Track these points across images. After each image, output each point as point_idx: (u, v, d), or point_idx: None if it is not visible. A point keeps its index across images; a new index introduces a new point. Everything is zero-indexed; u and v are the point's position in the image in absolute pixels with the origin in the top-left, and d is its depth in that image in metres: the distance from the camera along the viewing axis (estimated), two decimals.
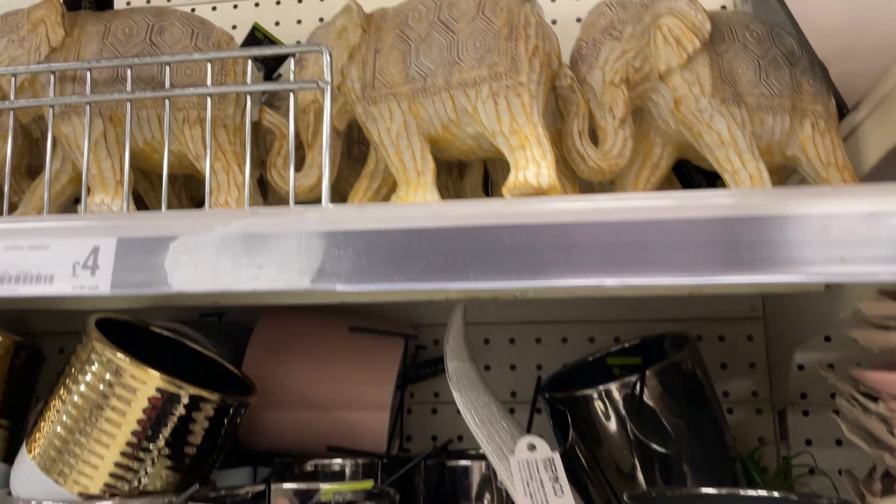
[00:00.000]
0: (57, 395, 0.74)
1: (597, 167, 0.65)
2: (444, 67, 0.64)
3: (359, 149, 0.83)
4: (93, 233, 0.63)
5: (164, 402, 0.72)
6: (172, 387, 0.73)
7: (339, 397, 0.95)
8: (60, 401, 0.73)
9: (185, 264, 0.61)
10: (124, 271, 0.61)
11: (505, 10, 0.64)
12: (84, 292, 0.61)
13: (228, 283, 0.60)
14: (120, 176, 0.68)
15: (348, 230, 0.59)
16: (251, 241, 0.60)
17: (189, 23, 0.72)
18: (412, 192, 0.64)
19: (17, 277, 0.62)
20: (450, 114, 0.65)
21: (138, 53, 0.69)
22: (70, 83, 0.69)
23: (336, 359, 0.97)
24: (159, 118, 0.69)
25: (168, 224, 0.62)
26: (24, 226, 0.64)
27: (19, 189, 0.76)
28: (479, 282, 0.56)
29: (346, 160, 0.81)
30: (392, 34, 0.68)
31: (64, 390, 0.74)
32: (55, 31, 0.70)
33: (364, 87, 0.67)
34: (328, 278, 0.58)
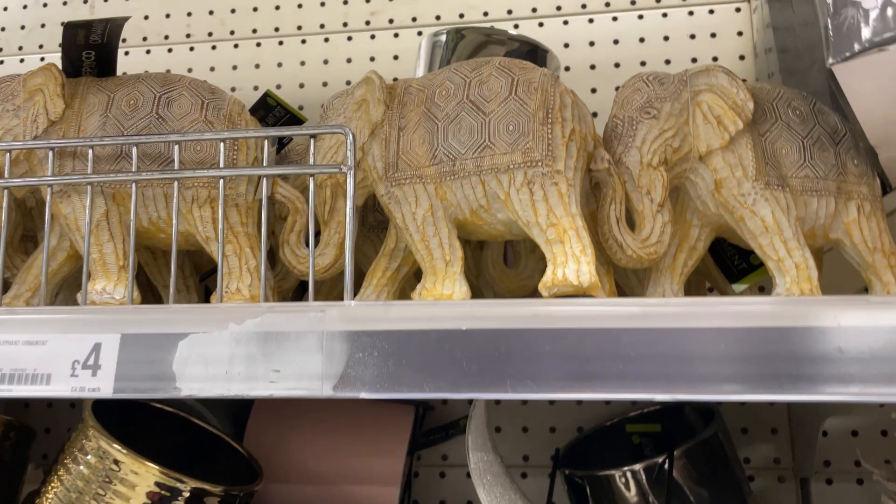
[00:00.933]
0: (51, 486, 0.69)
1: (635, 256, 0.61)
2: (475, 150, 0.60)
3: (374, 217, 0.78)
4: (94, 327, 0.58)
5: (164, 497, 0.68)
6: (172, 480, 0.68)
7: (346, 470, 0.90)
8: (55, 495, 0.68)
9: (195, 365, 0.56)
10: (128, 371, 0.57)
11: (539, 90, 0.60)
12: (84, 395, 0.56)
13: (243, 388, 0.55)
14: (123, 261, 0.63)
15: (373, 330, 0.54)
16: (268, 341, 0.56)
17: (198, 93, 0.68)
18: (440, 284, 0.60)
19: (10, 376, 0.57)
20: (480, 199, 0.61)
21: (144, 128, 0.65)
22: (70, 159, 0.64)
23: (343, 429, 0.92)
24: (166, 196, 0.64)
25: (177, 319, 0.57)
26: (18, 317, 0.59)
27: (12, 264, 0.71)
28: (518, 392, 0.52)
29: (362, 229, 0.77)
30: (417, 111, 0.64)
31: (58, 482, 0.69)
32: (54, 103, 0.65)
33: (387, 166, 0.63)
34: (352, 385, 0.54)
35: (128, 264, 0.63)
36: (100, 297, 0.62)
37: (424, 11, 1.25)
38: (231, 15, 1.30)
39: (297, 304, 0.57)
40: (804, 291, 0.61)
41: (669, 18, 1.18)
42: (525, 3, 1.23)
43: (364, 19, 1.27)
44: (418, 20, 1.26)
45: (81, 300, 0.62)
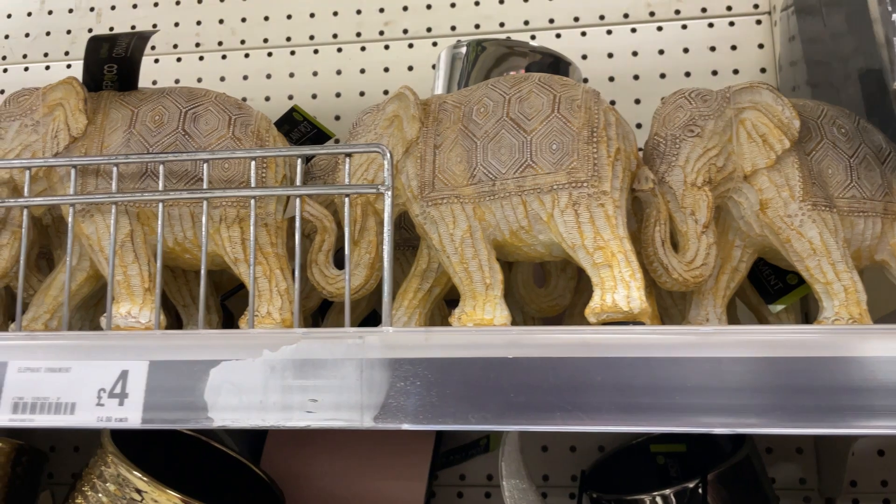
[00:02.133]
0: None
1: (681, 279, 0.59)
2: (516, 170, 0.58)
3: (399, 234, 0.76)
4: (121, 354, 0.55)
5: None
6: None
7: (367, 494, 0.88)
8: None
9: (228, 394, 0.53)
10: (157, 401, 0.54)
11: (583, 108, 0.58)
12: (111, 425, 0.54)
13: (278, 418, 0.53)
14: (149, 283, 0.61)
15: (415, 358, 0.52)
16: (304, 369, 0.53)
17: (225, 108, 0.65)
18: (480, 308, 0.58)
19: (32, 405, 0.55)
20: (521, 220, 0.59)
21: (171, 145, 0.62)
22: (93, 177, 0.61)
23: (363, 451, 0.90)
24: (193, 216, 0.62)
25: (208, 346, 0.55)
26: (40, 343, 0.56)
27: (28, 285, 0.69)
28: (568, 425, 0.50)
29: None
30: (454, 128, 0.61)
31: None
32: (76, 119, 0.62)
33: (422, 185, 0.61)
34: (393, 416, 0.51)
35: (153, 286, 0.61)
36: (124, 321, 0.59)
37: (439, 22, 1.24)
38: (242, 24, 1.28)
39: (334, 330, 0.55)
40: (853, 316, 0.59)
41: (689, 30, 1.17)
42: (542, 14, 1.21)
43: (378, 29, 1.25)
44: (433, 30, 1.24)
45: (105, 324, 0.60)
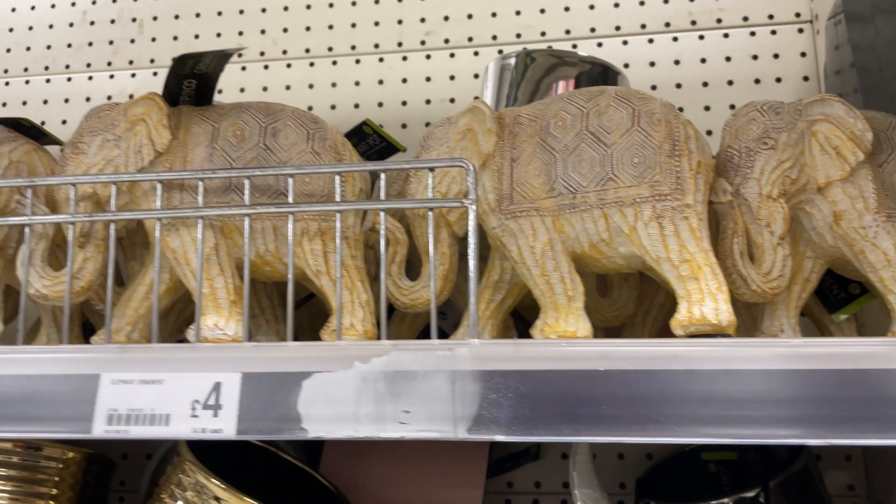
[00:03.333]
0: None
1: (760, 291, 0.59)
2: (597, 183, 0.59)
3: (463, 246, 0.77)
4: (213, 366, 0.56)
5: None
6: None
7: (424, 502, 0.88)
8: None
9: (321, 406, 0.54)
10: (251, 412, 0.55)
11: (663, 122, 0.59)
12: (206, 436, 0.55)
13: (372, 429, 0.53)
14: (234, 296, 0.62)
15: (506, 370, 0.53)
16: (395, 381, 0.54)
17: (302, 122, 0.66)
18: (563, 321, 0.59)
19: (126, 417, 0.56)
20: (601, 233, 0.59)
21: (253, 159, 0.63)
22: (177, 191, 0.62)
23: (419, 460, 0.90)
24: (275, 229, 0.63)
25: (299, 357, 0.56)
26: (133, 356, 0.57)
27: (99, 299, 0.70)
28: (661, 436, 0.50)
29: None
30: (531, 142, 0.62)
31: None
32: (160, 134, 0.63)
33: (500, 198, 0.62)
34: (487, 427, 0.52)
35: (239, 299, 0.62)
36: (212, 333, 0.60)
37: (480, 31, 1.25)
38: (283, 34, 1.29)
39: (422, 343, 0.56)
40: None
41: (731, 39, 1.18)
42: (583, 23, 1.22)
43: (419, 39, 1.26)
44: (474, 40, 1.25)
45: (194, 336, 0.61)
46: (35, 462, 0.73)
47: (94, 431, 0.56)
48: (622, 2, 1.21)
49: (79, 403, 0.56)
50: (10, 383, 0.58)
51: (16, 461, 0.72)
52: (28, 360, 0.58)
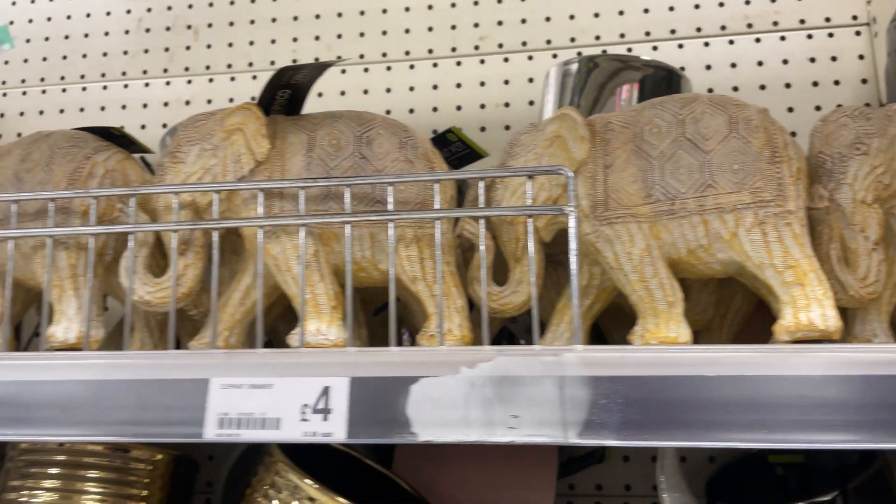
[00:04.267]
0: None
1: (857, 296, 0.60)
2: (696, 189, 0.60)
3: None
4: (321, 370, 0.57)
5: None
6: None
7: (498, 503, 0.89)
8: None
9: (430, 410, 0.55)
10: (361, 416, 0.56)
11: (761, 128, 0.60)
12: (317, 439, 0.56)
13: (481, 433, 0.54)
14: (335, 301, 0.63)
15: (614, 376, 0.54)
16: (502, 386, 0.55)
17: (394, 131, 0.67)
18: (664, 326, 0.59)
19: (238, 421, 0.57)
20: (700, 239, 0.60)
21: (349, 168, 0.64)
22: (277, 199, 0.64)
23: (490, 462, 0.91)
24: (371, 236, 0.64)
25: (405, 362, 0.57)
26: (241, 361, 0.59)
27: (199, 302, 0.71)
28: (772, 442, 0.51)
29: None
30: (625, 149, 0.63)
31: None
32: (259, 143, 0.65)
33: (594, 205, 0.63)
34: (597, 432, 0.53)
35: (339, 304, 0.63)
36: (314, 339, 0.62)
37: (534, 36, 1.25)
38: (338, 40, 1.31)
39: (527, 348, 0.57)
40: None
41: (788, 42, 1.18)
42: (638, 27, 1.22)
43: (473, 44, 1.27)
44: (528, 44, 1.25)
45: (297, 341, 0.62)
46: (125, 464, 0.74)
47: (206, 435, 0.57)
48: (677, 5, 1.22)
49: (189, 408, 0.58)
50: (122, 388, 0.59)
51: (107, 463, 0.74)
52: (138, 366, 0.59)
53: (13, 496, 0.72)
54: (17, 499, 0.72)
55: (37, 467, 0.72)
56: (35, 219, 0.67)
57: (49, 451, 0.73)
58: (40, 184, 0.68)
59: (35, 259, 0.67)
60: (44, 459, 0.73)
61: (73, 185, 0.68)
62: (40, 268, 0.67)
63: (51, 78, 1.38)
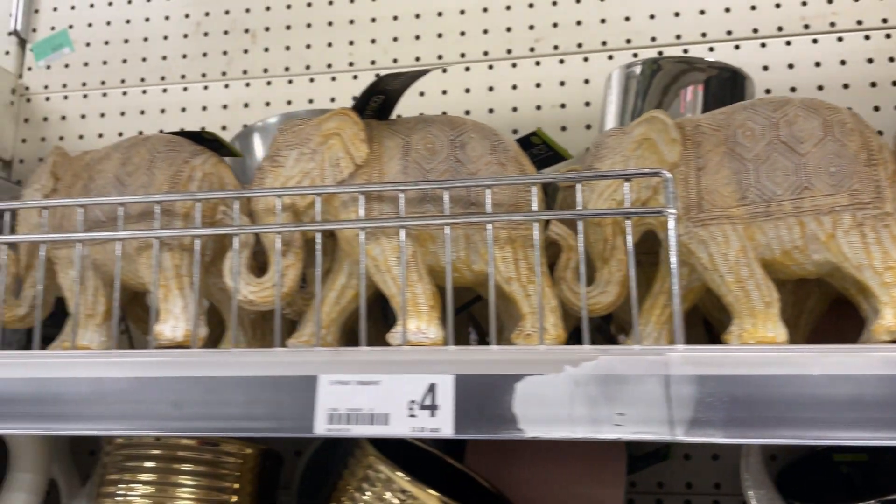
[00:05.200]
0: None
1: None
2: (792, 192, 0.61)
3: None
4: (426, 368, 0.59)
5: None
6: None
7: (569, 499, 0.91)
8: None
9: (535, 407, 0.57)
10: (467, 412, 0.58)
11: (856, 131, 0.61)
12: (425, 434, 0.58)
13: (588, 430, 0.56)
14: (433, 301, 0.65)
15: (718, 375, 0.55)
16: (607, 384, 0.57)
17: (485, 135, 0.69)
18: (761, 326, 0.60)
19: (347, 416, 0.59)
20: (795, 240, 0.61)
21: (445, 171, 0.66)
22: (376, 202, 0.66)
23: (560, 459, 0.93)
24: (466, 237, 0.66)
25: (508, 361, 0.58)
26: (347, 358, 0.61)
27: (293, 301, 0.73)
28: (878, 440, 0.52)
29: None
30: (718, 151, 0.64)
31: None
32: (357, 148, 0.67)
33: (688, 206, 0.64)
34: (704, 430, 0.54)
35: (437, 304, 0.65)
36: (415, 337, 0.63)
37: (590, 37, 1.26)
38: (393, 43, 1.33)
39: (628, 348, 0.58)
40: None
41: (845, 43, 1.18)
42: (694, 28, 1.23)
43: (528, 46, 1.28)
44: (584, 46, 1.27)
45: (399, 339, 0.64)
46: (216, 458, 0.76)
47: (316, 430, 0.59)
48: (733, 6, 1.22)
49: (299, 404, 0.60)
50: (230, 385, 0.61)
51: (199, 457, 0.76)
52: (247, 364, 0.61)
53: (111, 489, 0.75)
54: (115, 492, 0.75)
55: (134, 461, 0.75)
56: (138, 221, 0.70)
57: (145, 446, 0.75)
58: (142, 187, 0.70)
59: (139, 260, 0.69)
60: (140, 454, 0.75)
61: (175, 188, 0.70)
62: (144, 268, 0.69)
63: (111, 81, 1.41)
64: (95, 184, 0.72)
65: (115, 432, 0.61)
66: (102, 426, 0.62)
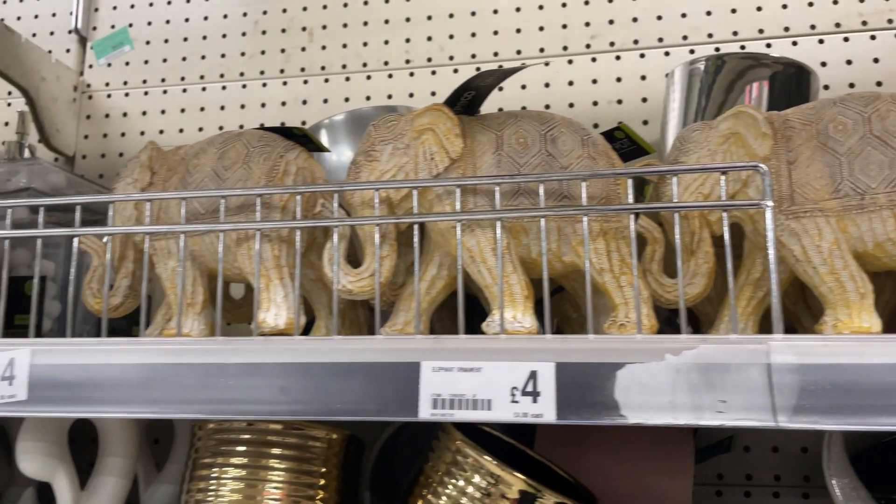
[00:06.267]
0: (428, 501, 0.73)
1: None
2: (886, 185, 0.62)
3: None
4: (526, 356, 0.61)
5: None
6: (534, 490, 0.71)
7: (638, 490, 0.92)
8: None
9: (637, 394, 0.59)
10: (568, 399, 0.60)
11: None
12: (528, 420, 0.60)
13: (690, 417, 0.57)
14: (527, 291, 0.66)
15: (820, 364, 0.56)
16: (708, 372, 0.58)
17: (574, 129, 0.71)
18: (856, 317, 0.62)
19: (451, 402, 0.61)
20: (890, 233, 0.62)
21: (538, 165, 0.68)
22: (471, 196, 0.68)
23: (629, 448, 0.94)
24: (559, 230, 0.67)
25: (608, 349, 0.60)
26: (447, 345, 0.63)
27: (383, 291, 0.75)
28: None
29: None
30: (809, 145, 0.65)
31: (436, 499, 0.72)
32: (452, 142, 0.69)
33: (780, 199, 0.65)
34: (807, 417, 0.56)
35: (531, 294, 0.67)
36: (511, 326, 0.65)
37: (646, 34, 1.28)
38: (450, 41, 1.35)
39: (726, 337, 0.60)
40: None
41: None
42: (750, 25, 1.24)
43: (584, 42, 1.30)
44: (640, 42, 1.28)
45: (496, 328, 0.66)
46: (304, 442, 0.79)
47: (421, 414, 0.61)
48: (790, 3, 1.23)
49: (403, 389, 0.62)
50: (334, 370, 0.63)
51: (287, 442, 0.78)
52: (350, 350, 0.64)
53: (205, 472, 0.78)
54: (209, 475, 0.77)
55: (227, 445, 0.77)
56: (236, 213, 0.72)
57: (237, 430, 0.78)
58: (240, 181, 0.73)
59: (238, 251, 0.72)
60: (233, 438, 0.78)
61: (272, 181, 0.72)
62: (242, 258, 0.72)
63: (171, 79, 1.44)
64: (193, 177, 0.75)
65: (225, 417, 0.63)
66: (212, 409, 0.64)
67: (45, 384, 0.68)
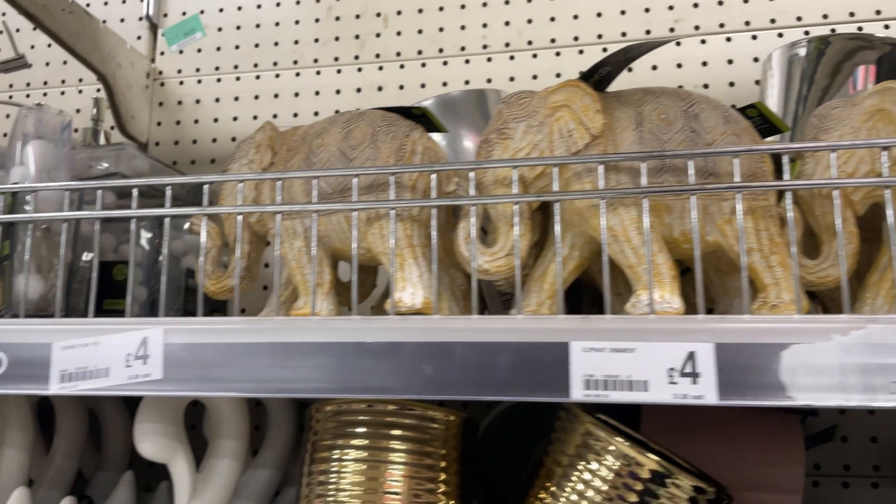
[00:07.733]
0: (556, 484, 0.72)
1: None
2: None
3: None
4: (682, 336, 0.59)
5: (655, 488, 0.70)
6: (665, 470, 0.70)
7: (746, 480, 0.90)
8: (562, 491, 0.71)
9: (803, 375, 0.57)
10: (730, 379, 0.58)
11: None
12: (687, 401, 0.58)
13: (862, 398, 0.56)
14: (673, 271, 0.65)
15: None
16: (878, 353, 0.56)
17: (714, 105, 0.69)
18: None
19: (604, 383, 0.60)
20: None
21: (682, 141, 0.66)
22: (613, 173, 0.66)
23: (734, 437, 0.92)
24: (703, 208, 0.66)
25: (770, 330, 0.58)
26: (596, 326, 0.61)
27: None
28: None
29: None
30: None
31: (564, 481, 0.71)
32: (592, 119, 0.67)
33: None
34: None
35: (678, 274, 0.65)
36: (660, 306, 0.64)
37: (732, 17, 1.25)
38: (528, 25, 1.33)
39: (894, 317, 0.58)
40: None
41: None
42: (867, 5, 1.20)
43: (668, 26, 1.28)
44: (726, 26, 1.25)
45: (643, 309, 0.64)
46: (423, 423, 0.78)
47: (573, 395, 0.60)
48: None
49: (552, 370, 0.61)
50: (474, 350, 0.62)
51: (406, 422, 0.77)
52: (491, 330, 0.62)
53: (326, 454, 0.77)
54: (330, 456, 0.76)
55: (348, 427, 0.77)
56: (365, 193, 0.71)
57: (356, 412, 0.77)
58: (369, 160, 0.72)
59: (368, 230, 0.71)
60: (353, 419, 0.77)
61: (401, 160, 0.71)
62: (372, 237, 0.71)
63: (244, 65, 1.43)
64: (318, 157, 0.74)
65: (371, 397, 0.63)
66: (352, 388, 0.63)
67: (179, 363, 0.67)
